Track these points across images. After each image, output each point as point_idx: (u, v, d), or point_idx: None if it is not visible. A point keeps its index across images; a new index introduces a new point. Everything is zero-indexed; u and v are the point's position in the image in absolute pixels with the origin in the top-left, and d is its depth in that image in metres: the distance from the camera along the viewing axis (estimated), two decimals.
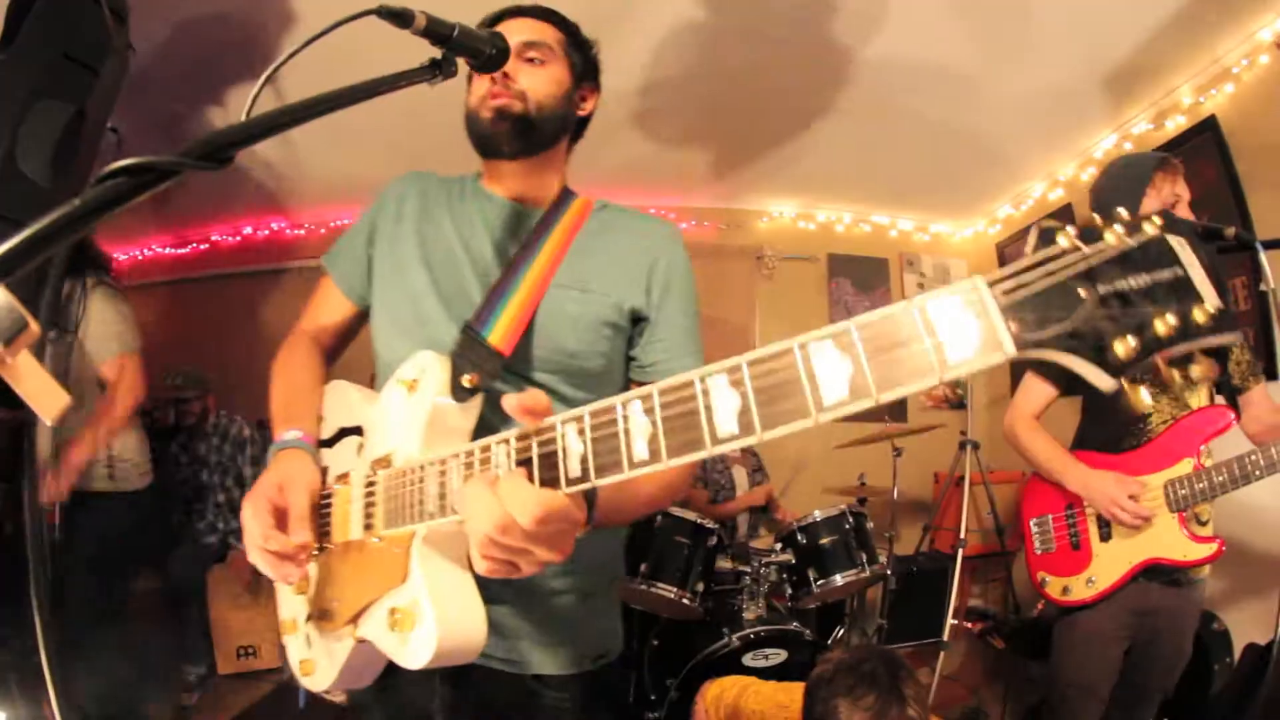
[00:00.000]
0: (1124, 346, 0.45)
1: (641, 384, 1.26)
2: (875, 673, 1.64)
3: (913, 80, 3.46)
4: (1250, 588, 2.82)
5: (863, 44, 3.18)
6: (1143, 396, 0.39)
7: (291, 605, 1.22)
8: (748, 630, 2.73)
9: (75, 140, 1.86)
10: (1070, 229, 0.48)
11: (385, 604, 0.96)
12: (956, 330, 0.47)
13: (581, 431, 0.69)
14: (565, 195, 1.34)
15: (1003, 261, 4.98)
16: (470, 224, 1.27)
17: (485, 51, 1.03)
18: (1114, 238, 0.47)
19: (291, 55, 0.79)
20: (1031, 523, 2.17)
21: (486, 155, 1.28)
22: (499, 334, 1.12)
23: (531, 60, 1.23)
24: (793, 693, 2.48)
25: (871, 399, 0.49)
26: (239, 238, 5.19)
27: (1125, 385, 0.47)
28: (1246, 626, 2.68)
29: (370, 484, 1.03)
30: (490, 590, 0.96)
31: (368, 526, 1.02)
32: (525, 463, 0.74)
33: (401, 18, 0.87)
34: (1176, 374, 0.48)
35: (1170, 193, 1.97)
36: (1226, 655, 2.73)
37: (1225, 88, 3.24)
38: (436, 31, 0.93)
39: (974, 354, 0.47)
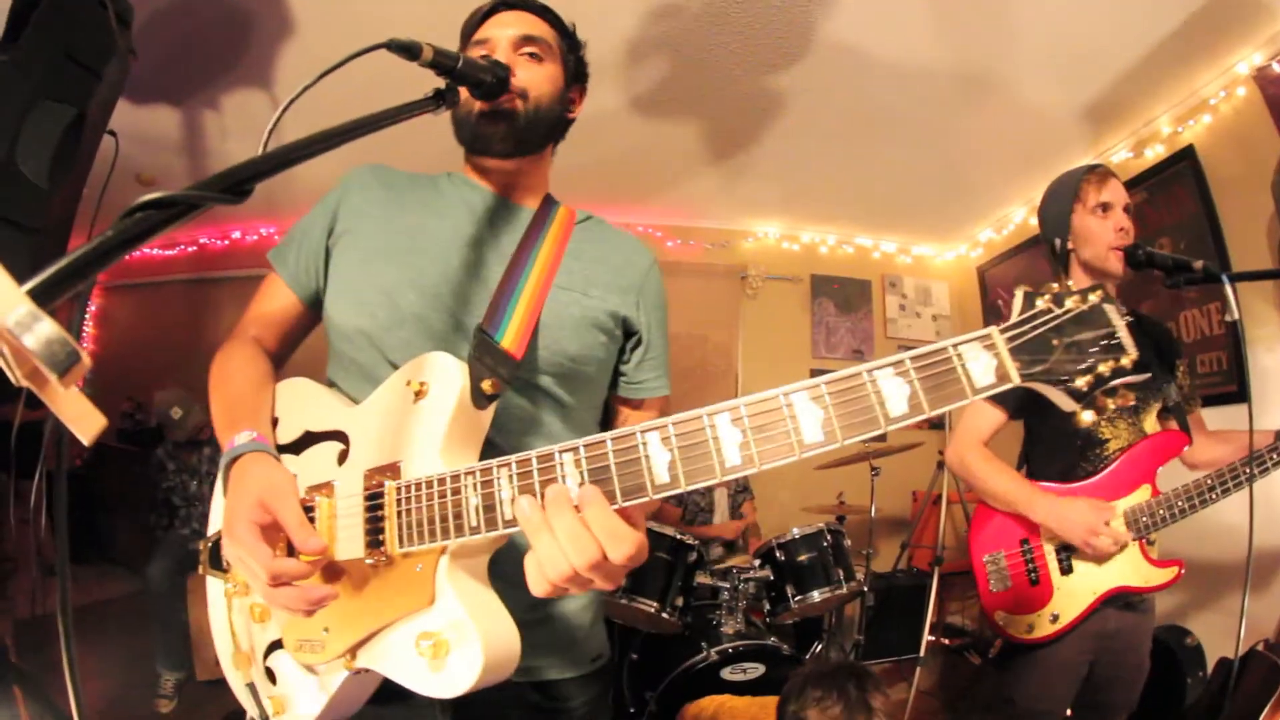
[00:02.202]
0: (1084, 380, 0.63)
1: (628, 399, 1.32)
2: (843, 684, 1.69)
3: (897, 106, 3.54)
4: (1222, 603, 2.88)
5: (849, 70, 3.24)
6: (1084, 417, 0.53)
7: (248, 635, 1.08)
8: (726, 645, 2.76)
9: (76, 143, 1.86)
10: (1045, 295, 0.66)
11: (404, 630, 0.88)
12: (980, 365, 0.64)
13: (666, 439, 0.69)
14: (550, 199, 1.32)
15: (984, 285, 5.08)
16: (454, 213, 1.22)
17: (486, 80, 1.06)
18: (1072, 303, 0.65)
19: (306, 88, 0.82)
20: (984, 559, 2.04)
21: (476, 152, 1.24)
22: (510, 337, 1.07)
23: (531, 55, 1.20)
24: (768, 707, 2.51)
25: (925, 413, 0.63)
26: (227, 241, 5.19)
27: (1079, 410, 0.66)
28: (1219, 640, 2.73)
29: (375, 496, 0.93)
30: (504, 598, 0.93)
31: (374, 545, 0.91)
32: (598, 472, 0.72)
33: (410, 51, 0.90)
34: (1110, 401, 0.66)
35: (1096, 201, 1.97)
36: (1200, 669, 2.77)
37: (1203, 118, 3.33)
38: (442, 64, 0.96)
39: (993, 380, 0.63)
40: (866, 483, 3.98)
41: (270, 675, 1.04)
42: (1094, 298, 0.64)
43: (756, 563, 3.15)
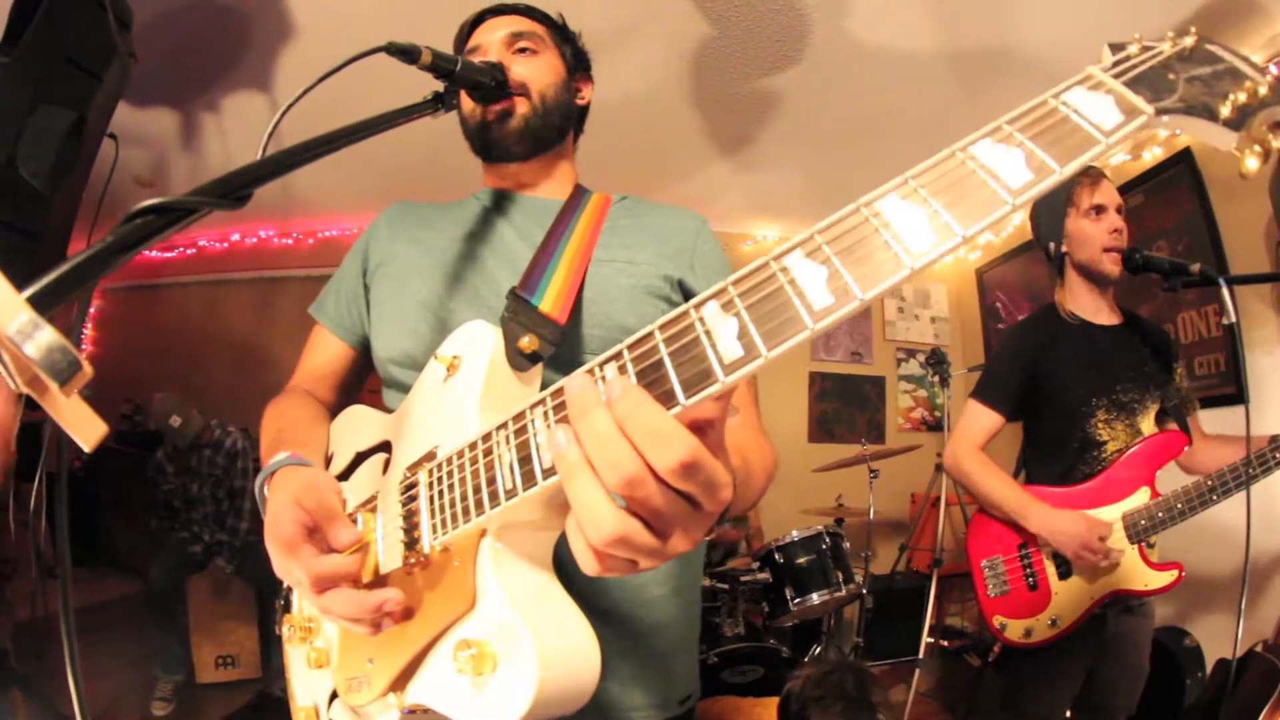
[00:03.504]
0: (1229, 107, 0.50)
1: None
2: (844, 683, 1.69)
3: (896, 109, 3.54)
4: (1222, 604, 2.88)
5: (847, 72, 3.25)
6: (1249, 165, 0.43)
7: (309, 687, 0.96)
8: (726, 647, 2.76)
9: (76, 146, 1.86)
10: (1133, 44, 0.55)
11: (445, 646, 0.70)
12: (1097, 107, 0.50)
13: (728, 304, 0.51)
14: (581, 189, 1.27)
15: (982, 287, 5.08)
16: (485, 223, 1.18)
17: (485, 82, 1.06)
18: (1169, 45, 0.54)
19: (305, 92, 0.82)
20: (982, 564, 2.06)
21: (493, 159, 1.22)
22: (550, 301, 0.98)
23: (523, 50, 1.19)
24: (770, 707, 2.52)
25: (1055, 173, 0.48)
26: (226, 244, 5.19)
27: (1239, 146, 0.51)
28: (1218, 641, 2.73)
29: (409, 489, 0.80)
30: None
31: (410, 545, 0.76)
32: (651, 370, 0.53)
33: (409, 54, 0.90)
34: (1273, 136, 0.51)
35: (1089, 204, 1.98)
36: (1199, 670, 2.77)
37: None
38: (441, 67, 0.96)
39: (1121, 119, 0.50)
40: (865, 485, 3.98)
41: None
42: (1190, 40, 0.54)
43: (755, 565, 3.15)
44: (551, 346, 0.92)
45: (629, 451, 0.49)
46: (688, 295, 1.14)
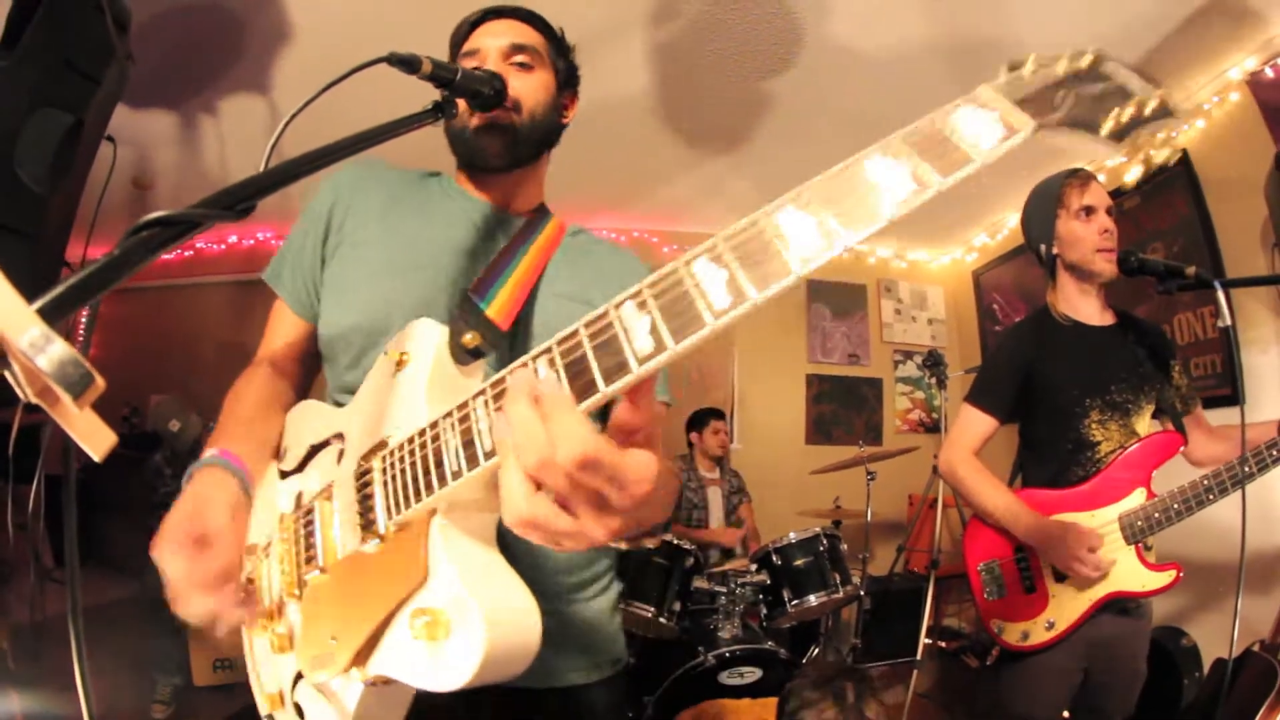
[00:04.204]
0: (1112, 122, 0.57)
1: None
2: (840, 690, 1.70)
3: (891, 110, 3.53)
4: (1219, 604, 2.89)
5: (843, 74, 3.26)
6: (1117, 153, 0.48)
7: (274, 672, 1.00)
8: (723, 649, 2.77)
9: (73, 149, 1.86)
10: (1027, 64, 0.59)
11: (403, 616, 0.75)
12: (982, 123, 0.56)
13: (643, 304, 0.57)
14: (543, 208, 1.31)
15: (979, 289, 5.10)
16: (453, 225, 1.20)
17: (484, 92, 1.06)
18: (1064, 63, 0.58)
19: (307, 104, 0.82)
20: (979, 568, 2.06)
21: (474, 167, 1.23)
22: (496, 308, 1.03)
23: (521, 65, 1.19)
24: (769, 707, 2.53)
25: (933, 187, 0.55)
26: (224, 246, 5.18)
27: (1124, 149, 0.58)
28: (1216, 641, 2.74)
29: (363, 476, 0.85)
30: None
31: (366, 526, 0.82)
32: (577, 363, 0.59)
33: (410, 64, 0.90)
34: (1142, 132, 0.58)
35: (1079, 205, 1.98)
36: (1196, 670, 2.78)
37: (1196, 123, 3.35)
38: (441, 76, 0.96)
39: (1004, 133, 0.55)
40: (862, 487, 3.99)
41: (299, 711, 0.93)
42: (1087, 58, 0.58)
43: (753, 567, 3.16)
44: (492, 347, 0.96)
45: (544, 441, 0.55)
46: None
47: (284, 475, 1.06)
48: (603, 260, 1.29)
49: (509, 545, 0.77)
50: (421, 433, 0.75)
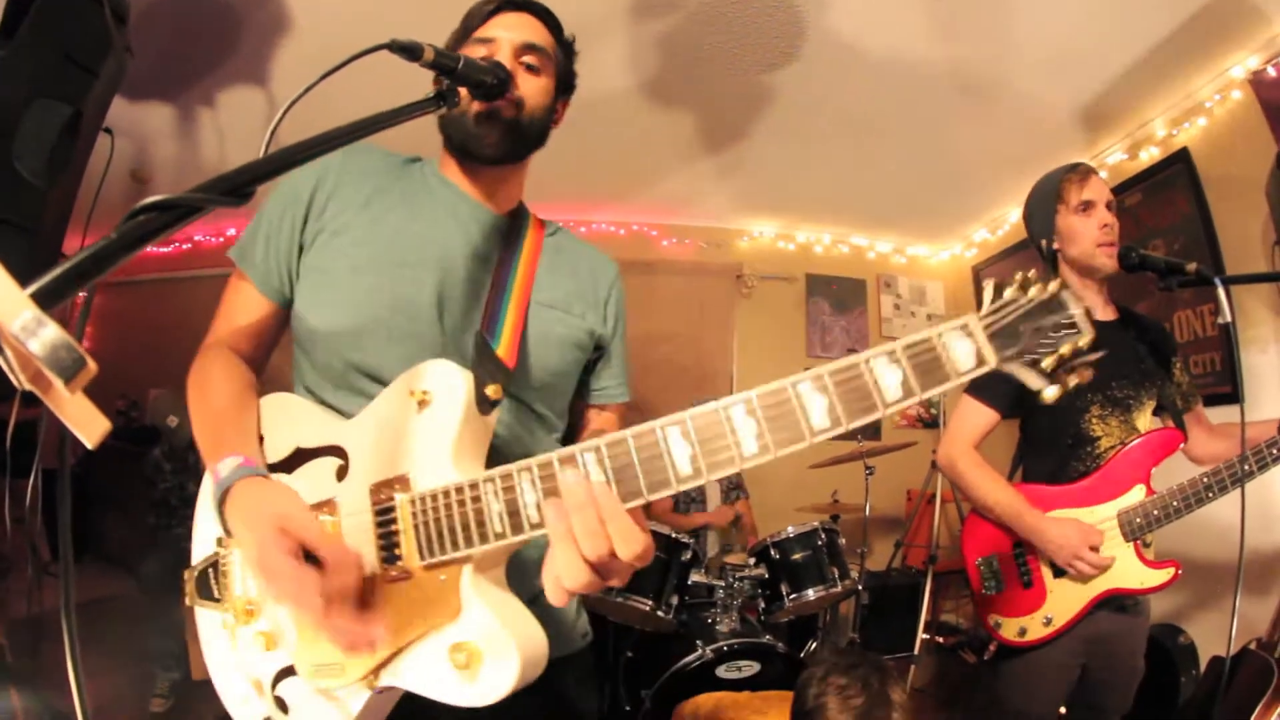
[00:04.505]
0: (1050, 361, 0.68)
1: (591, 404, 1.36)
2: (866, 677, 1.70)
3: (893, 106, 3.55)
4: (1218, 602, 2.89)
5: (845, 70, 3.25)
6: (1048, 394, 0.59)
7: (248, 663, 1.02)
8: (721, 643, 2.77)
9: (72, 141, 1.85)
10: (1011, 285, 0.70)
11: (432, 644, 0.86)
12: (961, 350, 0.68)
13: (686, 434, 0.72)
14: (522, 206, 1.32)
15: (977, 283, 5.09)
16: (439, 220, 1.19)
17: (488, 82, 1.05)
18: (1035, 292, 0.69)
19: (307, 90, 0.81)
20: (977, 563, 2.05)
21: (465, 157, 1.22)
22: (504, 348, 1.08)
23: (530, 67, 1.19)
24: (770, 700, 2.53)
25: (917, 395, 0.68)
26: (222, 239, 5.17)
27: (1045, 387, 0.69)
28: (1214, 639, 2.74)
29: (385, 511, 0.91)
30: None
31: (389, 559, 0.89)
32: (625, 469, 0.74)
33: (411, 52, 0.89)
34: (1071, 378, 0.69)
35: (1079, 200, 1.97)
36: (1193, 668, 2.79)
37: (1198, 121, 3.34)
38: (443, 64, 0.95)
39: (973, 364, 0.67)
40: (861, 482, 3.99)
41: (281, 705, 0.99)
42: (1053, 286, 0.69)
43: (751, 561, 3.16)
44: (505, 394, 1.02)
45: (605, 542, 0.74)
46: (598, 345, 1.31)
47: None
48: (578, 264, 1.32)
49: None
50: (460, 489, 0.84)
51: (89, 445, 0.44)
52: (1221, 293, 1.73)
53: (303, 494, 0.97)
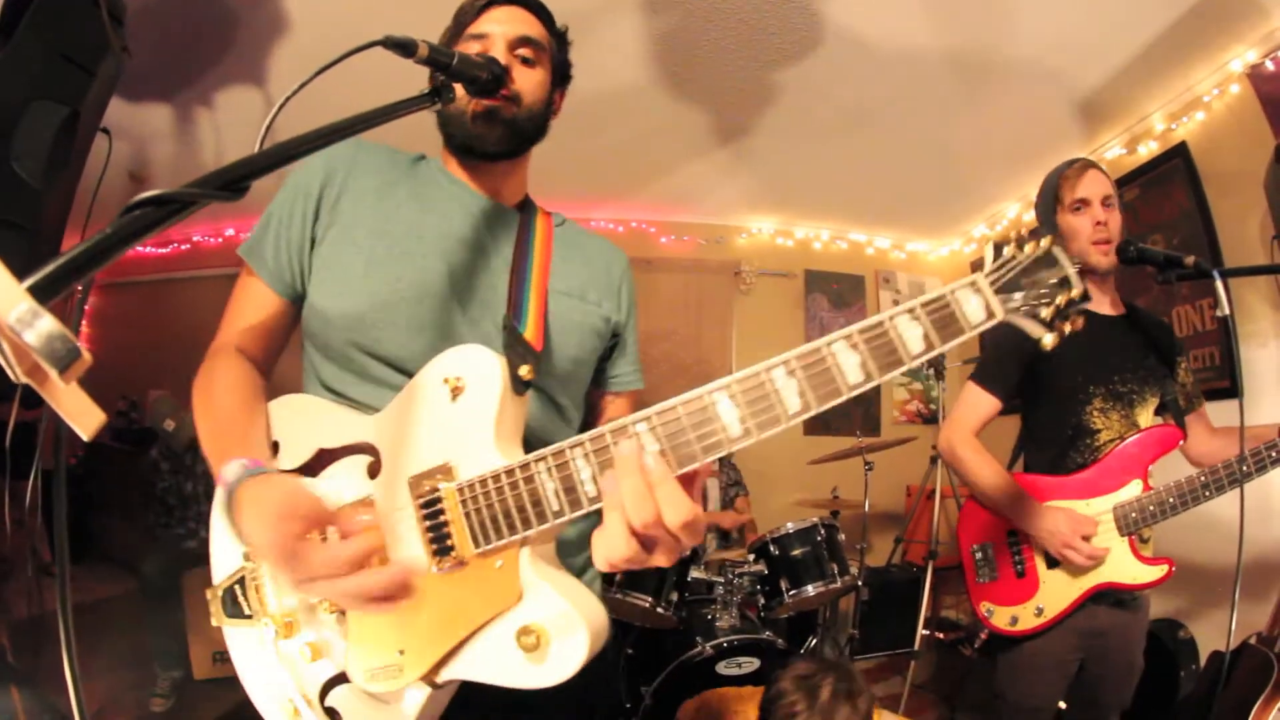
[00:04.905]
0: (1048, 311, 0.75)
1: (606, 392, 1.36)
2: (818, 686, 1.72)
3: (892, 101, 3.55)
4: (1214, 597, 2.90)
5: (843, 66, 3.25)
6: (1047, 340, 0.66)
7: (292, 678, 0.99)
8: (721, 639, 2.77)
9: (69, 142, 1.85)
10: (1009, 245, 0.77)
11: (497, 630, 0.85)
12: (972, 305, 0.74)
13: (733, 397, 0.75)
14: (529, 200, 1.33)
15: None
16: (449, 212, 1.19)
17: (482, 78, 1.05)
18: (1030, 249, 0.76)
19: (302, 86, 0.82)
20: (972, 549, 2.08)
21: (467, 155, 1.22)
22: (530, 331, 1.08)
23: (525, 60, 1.19)
24: None
25: (937, 348, 0.73)
26: (221, 239, 5.17)
27: (1045, 335, 0.76)
28: (1212, 634, 2.75)
29: (431, 503, 0.89)
30: None
31: (441, 551, 0.88)
32: (678, 435, 0.76)
33: (405, 48, 0.89)
34: (1066, 325, 0.76)
35: (1072, 198, 1.99)
36: (1192, 663, 2.79)
37: (1196, 115, 3.35)
38: (438, 60, 0.95)
39: (984, 317, 0.74)
40: (860, 477, 3.99)
41: (332, 715, 0.96)
42: (1045, 243, 0.76)
43: (751, 557, 3.16)
44: (536, 374, 1.01)
45: (653, 507, 0.73)
46: (614, 332, 1.32)
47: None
48: (590, 253, 1.32)
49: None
50: (511, 472, 0.84)
51: (84, 437, 0.44)
52: (1219, 286, 1.74)
53: (332, 496, 0.97)
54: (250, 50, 3.09)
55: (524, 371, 0.96)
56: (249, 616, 1.03)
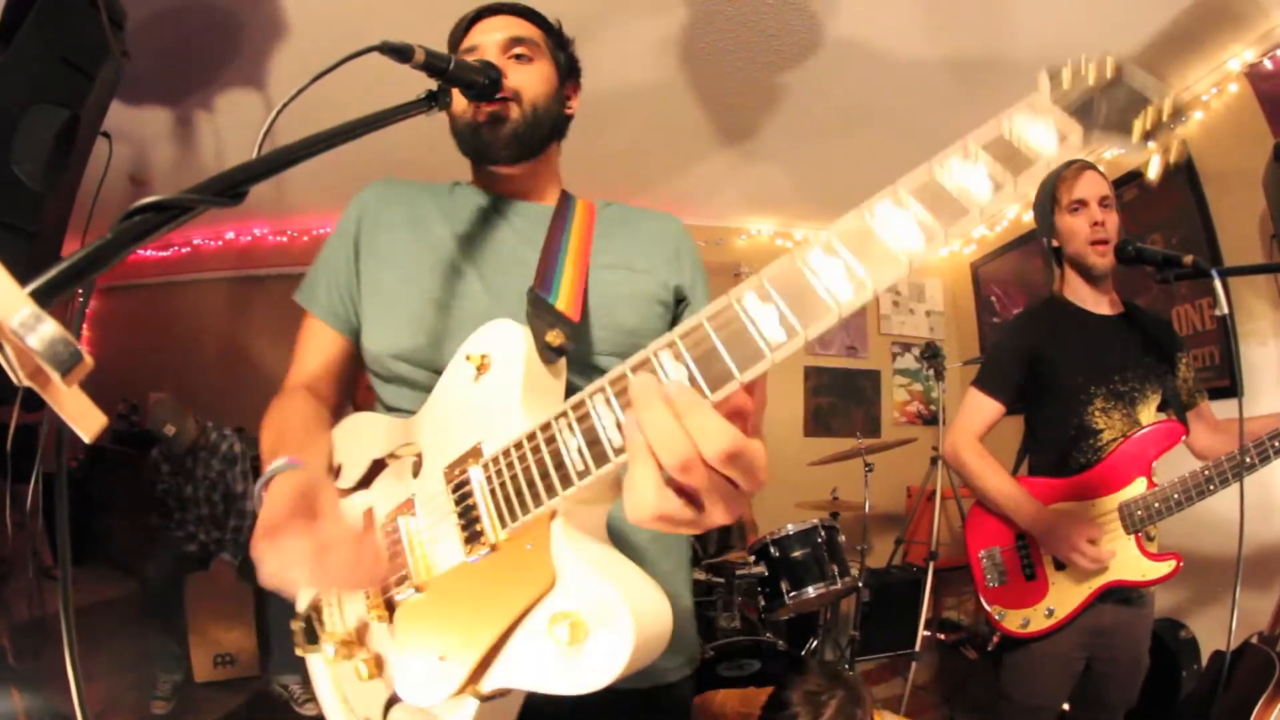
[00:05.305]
0: (1138, 131, 0.61)
1: None
2: (824, 703, 1.73)
3: (890, 103, 3.55)
4: (1216, 596, 2.90)
5: (842, 67, 3.26)
6: (1153, 172, 0.56)
7: (359, 700, 0.95)
8: (722, 641, 2.77)
9: (69, 146, 1.86)
10: (1065, 69, 0.63)
11: (530, 623, 0.74)
12: (1039, 131, 0.59)
13: (765, 296, 0.59)
14: (567, 195, 1.31)
15: (977, 281, 5.10)
16: (479, 222, 1.20)
17: (479, 81, 1.05)
18: (1094, 70, 0.61)
19: (300, 91, 0.82)
20: (980, 555, 2.08)
21: (482, 162, 1.23)
22: (565, 300, 1.03)
23: (519, 57, 1.18)
24: None
25: (1011, 185, 0.58)
26: (220, 242, 5.18)
27: (1152, 147, 0.63)
28: (1214, 633, 2.74)
29: (460, 486, 0.82)
30: None
31: (472, 538, 0.80)
32: (708, 354, 0.60)
33: (402, 53, 0.90)
34: (1169, 142, 0.62)
35: (1069, 199, 2.00)
36: (1194, 662, 2.79)
37: (1194, 115, 3.34)
38: (434, 65, 0.96)
39: (1056, 141, 0.58)
40: (860, 479, 3.99)
41: None
42: (1112, 62, 0.63)
43: (751, 559, 3.16)
44: (572, 342, 0.95)
45: (685, 440, 0.57)
46: (679, 297, 1.25)
47: (344, 494, 1.02)
48: (637, 226, 1.29)
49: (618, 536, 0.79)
50: (532, 436, 0.73)
51: (86, 439, 0.44)
52: (1218, 284, 1.74)
53: (382, 504, 0.95)
54: (250, 54, 3.09)
55: (552, 337, 0.91)
56: (318, 644, 1.00)
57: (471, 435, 0.84)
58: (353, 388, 1.25)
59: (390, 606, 0.89)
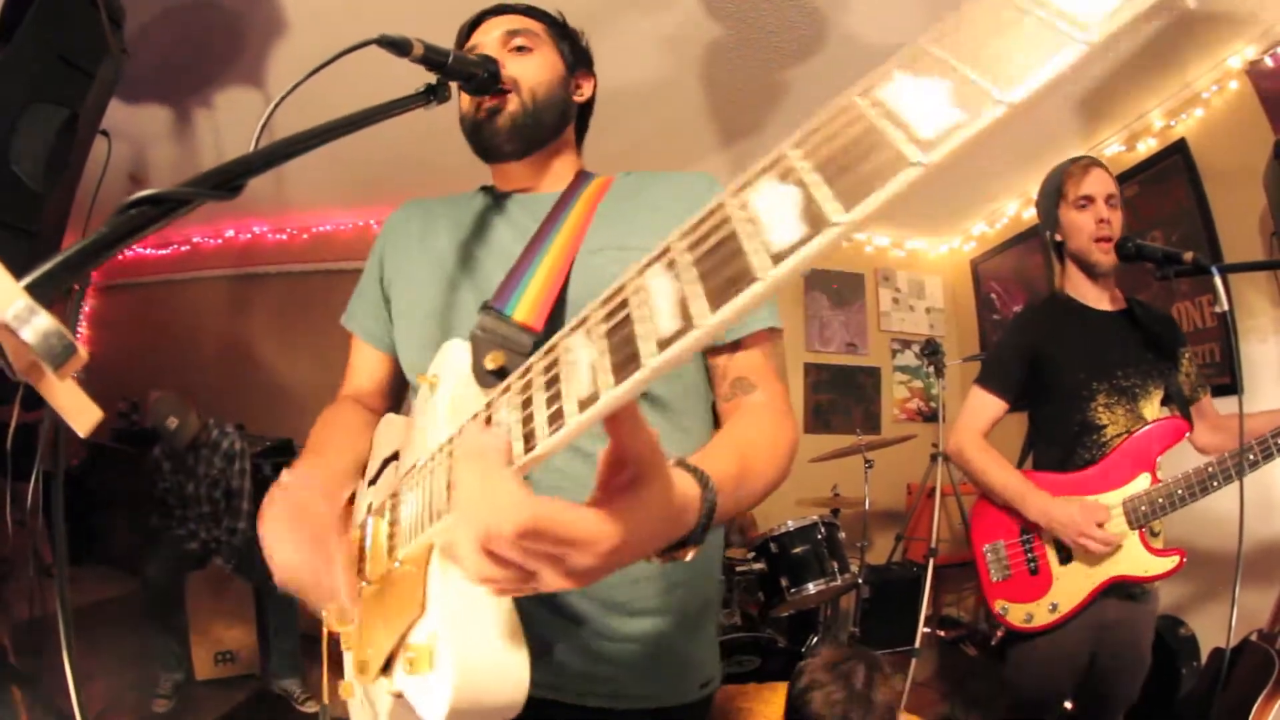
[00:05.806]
0: None
1: (721, 351, 1.07)
2: (852, 674, 1.71)
3: None
4: (1216, 593, 2.90)
5: (842, 64, 3.25)
6: None
7: (348, 664, 0.99)
8: (722, 637, 2.77)
9: (69, 144, 1.86)
10: None
11: (405, 647, 0.75)
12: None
13: (671, 264, 0.44)
14: (583, 175, 1.23)
15: (977, 278, 5.09)
16: (484, 220, 1.19)
17: (478, 75, 1.05)
18: None
19: (298, 84, 0.82)
20: (984, 549, 2.08)
21: (490, 159, 1.21)
22: (525, 309, 0.98)
23: (518, 49, 1.17)
24: (777, 691, 2.53)
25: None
26: (220, 240, 5.18)
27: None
28: (1213, 630, 2.74)
29: (394, 497, 0.84)
30: (574, 610, 0.89)
31: (389, 550, 0.81)
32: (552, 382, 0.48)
33: (400, 47, 0.90)
34: None
35: (1076, 195, 2.00)
36: (1194, 659, 2.79)
37: (1195, 112, 3.35)
38: (432, 59, 0.95)
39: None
40: (860, 475, 3.99)
41: (365, 702, 0.95)
42: None
43: (751, 555, 3.16)
44: (522, 358, 0.84)
45: (483, 509, 0.49)
46: None
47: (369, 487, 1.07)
48: (648, 194, 1.16)
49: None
50: (423, 466, 0.72)
51: (81, 433, 0.44)
52: (1218, 281, 1.75)
53: (376, 500, 0.96)
54: (249, 51, 3.09)
55: (491, 359, 0.86)
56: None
57: (416, 452, 0.84)
58: (403, 397, 1.30)
59: (359, 592, 0.92)
